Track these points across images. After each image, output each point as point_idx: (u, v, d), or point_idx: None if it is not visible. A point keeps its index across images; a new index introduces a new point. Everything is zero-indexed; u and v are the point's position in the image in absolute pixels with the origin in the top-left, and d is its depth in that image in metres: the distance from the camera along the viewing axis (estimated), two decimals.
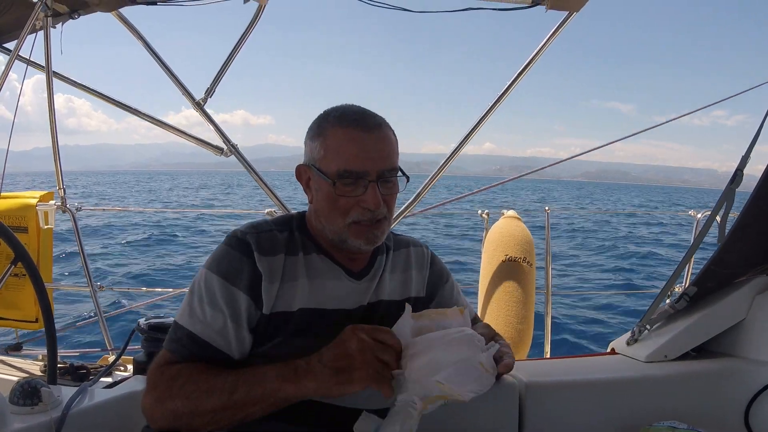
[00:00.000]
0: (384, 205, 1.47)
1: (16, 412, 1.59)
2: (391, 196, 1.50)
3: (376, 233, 1.49)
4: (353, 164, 1.42)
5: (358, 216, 1.46)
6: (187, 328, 1.42)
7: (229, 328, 1.41)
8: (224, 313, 1.41)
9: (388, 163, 1.46)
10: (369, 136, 1.44)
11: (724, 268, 2.24)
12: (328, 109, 1.52)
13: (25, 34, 3.01)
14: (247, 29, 3.31)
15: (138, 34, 3.39)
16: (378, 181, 1.44)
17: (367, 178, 1.43)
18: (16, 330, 3.59)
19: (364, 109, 1.50)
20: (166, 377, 1.38)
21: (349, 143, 1.43)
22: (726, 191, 2.25)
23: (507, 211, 3.85)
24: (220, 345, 1.41)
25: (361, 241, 1.48)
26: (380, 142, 1.46)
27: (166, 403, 1.35)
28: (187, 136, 3.64)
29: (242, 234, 1.49)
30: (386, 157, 1.46)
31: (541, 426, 2.02)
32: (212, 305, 1.42)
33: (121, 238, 17.99)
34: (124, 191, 58.62)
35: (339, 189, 1.44)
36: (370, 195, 1.44)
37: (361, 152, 1.43)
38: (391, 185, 1.49)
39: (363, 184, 1.44)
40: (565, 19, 3.08)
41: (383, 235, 1.52)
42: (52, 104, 3.50)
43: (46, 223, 3.53)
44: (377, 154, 1.44)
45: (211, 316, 1.41)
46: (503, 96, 3.36)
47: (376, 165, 1.44)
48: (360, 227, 1.47)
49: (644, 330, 2.38)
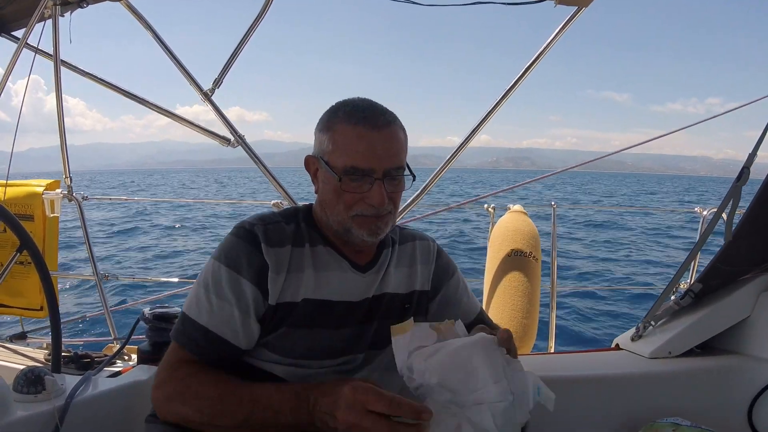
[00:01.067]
0: (390, 202, 1.48)
1: (20, 400, 1.60)
2: (397, 193, 1.51)
3: (379, 225, 1.49)
4: (360, 161, 1.42)
5: (362, 210, 1.46)
6: (195, 319, 1.43)
7: (236, 318, 1.42)
8: (231, 303, 1.42)
9: (396, 161, 1.46)
10: (378, 134, 1.43)
11: (730, 266, 2.23)
12: (339, 103, 1.51)
13: (34, 22, 3.01)
14: (255, 19, 3.29)
15: (146, 23, 3.38)
16: (384, 179, 1.44)
17: (373, 176, 1.43)
18: (21, 318, 3.60)
19: (374, 105, 1.49)
20: (177, 377, 1.39)
21: (357, 140, 1.43)
22: (732, 188, 2.25)
23: (513, 206, 3.84)
24: (228, 336, 1.42)
25: (364, 231, 1.48)
26: (388, 141, 1.45)
27: (177, 406, 1.36)
28: (195, 126, 3.63)
29: (250, 225, 1.49)
30: (394, 155, 1.46)
31: (544, 421, 2.02)
32: (219, 295, 1.43)
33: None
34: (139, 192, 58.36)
35: (345, 184, 1.44)
36: (375, 192, 1.44)
37: (369, 150, 1.42)
38: (397, 183, 1.49)
39: (369, 181, 1.44)
40: (574, 14, 3.06)
41: (387, 228, 1.52)
42: (60, 93, 3.50)
43: (52, 211, 3.53)
44: (385, 153, 1.44)
45: (218, 306, 1.42)
46: (511, 90, 3.34)
47: (383, 163, 1.43)
48: (364, 219, 1.47)
49: (649, 326, 2.38)
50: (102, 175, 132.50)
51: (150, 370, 2.01)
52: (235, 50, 3.39)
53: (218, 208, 28.30)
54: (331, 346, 1.51)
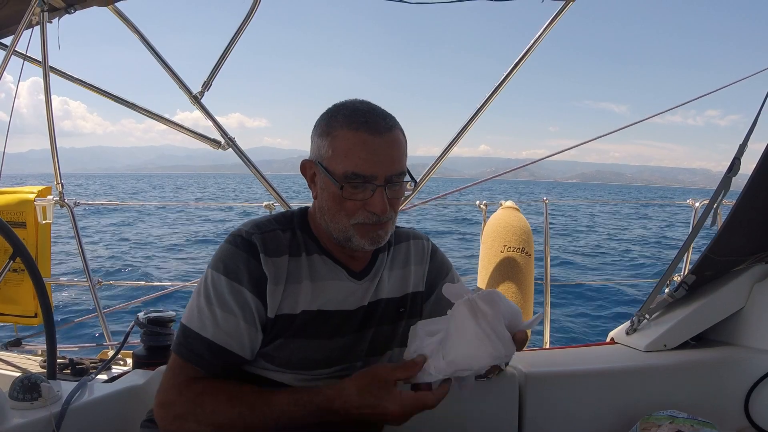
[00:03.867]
0: (390, 209, 1.46)
1: (16, 407, 1.60)
2: (397, 199, 1.48)
3: (380, 233, 1.47)
4: (361, 168, 1.38)
5: (363, 219, 1.43)
6: (199, 332, 1.40)
7: (241, 328, 1.40)
8: (236, 315, 1.40)
9: (397, 167, 1.43)
10: (380, 140, 1.40)
11: (722, 256, 2.24)
12: (338, 105, 1.47)
13: (22, 29, 2.99)
14: (243, 21, 3.29)
15: (134, 28, 3.38)
16: (386, 185, 1.42)
17: (375, 182, 1.40)
18: (15, 325, 3.58)
19: (374, 108, 1.46)
20: (188, 397, 1.37)
21: (359, 147, 1.39)
22: (723, 179, 2.25)
23: (505, 202, 3.84)
24: (234, 348, 1.40)
25: (366, 241, 1.46)
26: (390, 147, 1.42)
27: (191, 425, 1.34)
28: (184, 129, 3.63)
29: (247, 234, 1.46)
30: (396, 161, 1.42)
31: (540, 416, 2.03)
32: (222, 307, 1.40)
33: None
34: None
35: (346, 191, 1.40)
36: (377, 199, 1.41)
37: (371, 156, 1.39)
38: (398, 188, 1.46)
39: (371, 188, 1.41)
40: (561, 9, 3.07)
41: (387, 236, 1.50)
42: (50, 100, 3.49)
43: (44, 218, 3.52)
44: (387, 159, 1.41)
45: (223, 318, 1.39)
46: (498, 89, 3.34)
47: (385, 170, 1.40)
48: (365, 228, 1.44)
49: (643, 319, 2.38)
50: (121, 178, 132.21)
51: (145, 374, 2.00)
52: (223, 53, 3.39)
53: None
54: (327, 356, 1.50)
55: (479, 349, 1.30)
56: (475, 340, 1.29)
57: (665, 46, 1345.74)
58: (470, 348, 1.29)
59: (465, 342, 1.30)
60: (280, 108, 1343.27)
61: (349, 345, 1.54)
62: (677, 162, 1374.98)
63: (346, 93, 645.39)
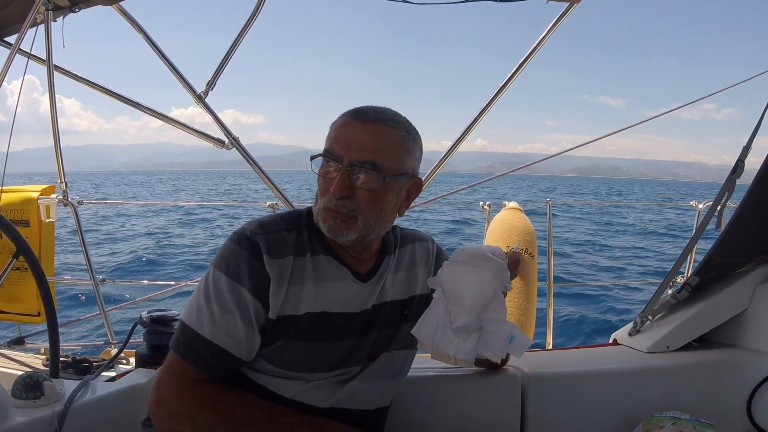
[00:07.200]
0: (353, 200, 1.43)
1: (19, 406, 1.59)
2: (367, 192, 1.44)
3: (339, 223, 1.44)
4: (332, 145, 1.43)
5: (325, 202, 1.44)
6: (197, 330, 1.40)
7: (239, 329, 1.39)
8: (234, 315, 1.39)
9: (368, 155, 1.41)
10: (359, 125, 1.43)
11: (726, 258, 2.23)
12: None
13: (26, 27, 2.99)
14: (248, 21, 3.28)
15: (139, 27, 3.37)
16: (349, 168, 1.41)
17: (340, 162, 1.41)
18: (18, 324, 3.59)
19: (379, 108, 1.49)
20: (188, 401, 1.36)
21: (338, 127, 1.45)
22: (727, 181, 2.25)
23: (509, 203, 3.84)
24: (231, 348, 1.40)
25: (326, 226, 1.46)
26: (368, 134, 1.42)
27: (185, 429, 1.35)
28: (189, 129, 3.62)
29: (252, 234, 1.45)
30: (367, 148, 1.41)
31: (543, 416, 2.02)
32: (222, 306, 1.40)
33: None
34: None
35: (316, 165, 1.47)
36: (336, 179, 1.41)
37: (343, 136, 1.43)
38: (366, 179, 1.42)
39: (337, 168, 1.42)
40: (565, 11, 3.06)
41: (351, 232, 1.46)
42: (53, 98, 3.49)
43: (48, 216, 3.52)
44: (358, 143, 1.41)
45: (221, 316, 1.39)
46: (502, 89, 3.34)
47: (352, 153, 1.41)
48: (327, 212, 1.45)
49: (646, 321, 2.38)
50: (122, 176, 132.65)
51: (148, 373, 2.00)
52: (228, 52, 3.39)
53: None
54: (329, 359, 1.49)
55: (479, 275, 1.35)
56: (470, 275, 1.37)
57: (663, 40, 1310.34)
58: (471, 281, 1.35)
59: (464, 282, 1.38)
60: (277, 104, 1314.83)
61: (352, 348, 1.53)
62: (673, 156, 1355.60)
63: (348, 90, 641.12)
